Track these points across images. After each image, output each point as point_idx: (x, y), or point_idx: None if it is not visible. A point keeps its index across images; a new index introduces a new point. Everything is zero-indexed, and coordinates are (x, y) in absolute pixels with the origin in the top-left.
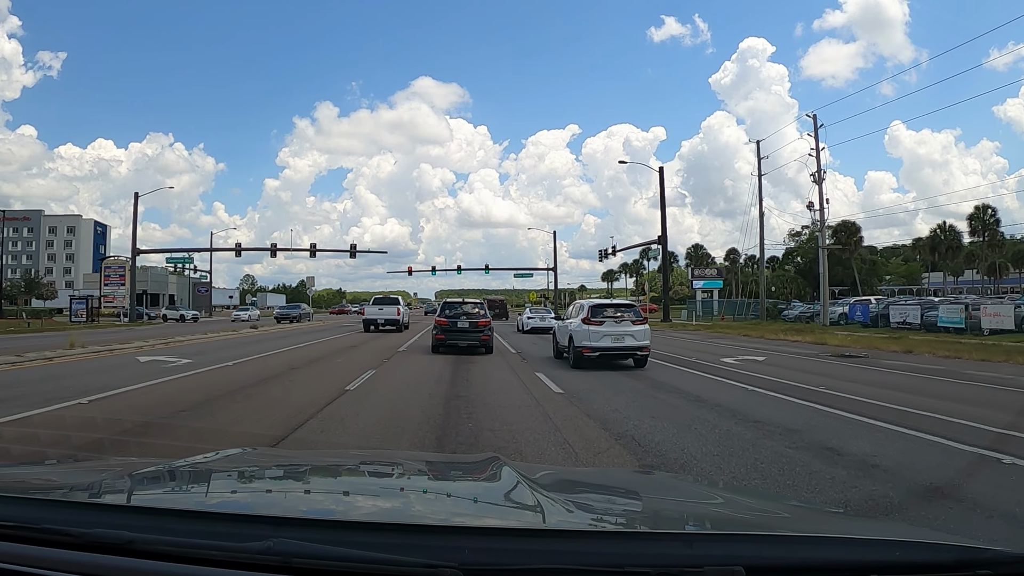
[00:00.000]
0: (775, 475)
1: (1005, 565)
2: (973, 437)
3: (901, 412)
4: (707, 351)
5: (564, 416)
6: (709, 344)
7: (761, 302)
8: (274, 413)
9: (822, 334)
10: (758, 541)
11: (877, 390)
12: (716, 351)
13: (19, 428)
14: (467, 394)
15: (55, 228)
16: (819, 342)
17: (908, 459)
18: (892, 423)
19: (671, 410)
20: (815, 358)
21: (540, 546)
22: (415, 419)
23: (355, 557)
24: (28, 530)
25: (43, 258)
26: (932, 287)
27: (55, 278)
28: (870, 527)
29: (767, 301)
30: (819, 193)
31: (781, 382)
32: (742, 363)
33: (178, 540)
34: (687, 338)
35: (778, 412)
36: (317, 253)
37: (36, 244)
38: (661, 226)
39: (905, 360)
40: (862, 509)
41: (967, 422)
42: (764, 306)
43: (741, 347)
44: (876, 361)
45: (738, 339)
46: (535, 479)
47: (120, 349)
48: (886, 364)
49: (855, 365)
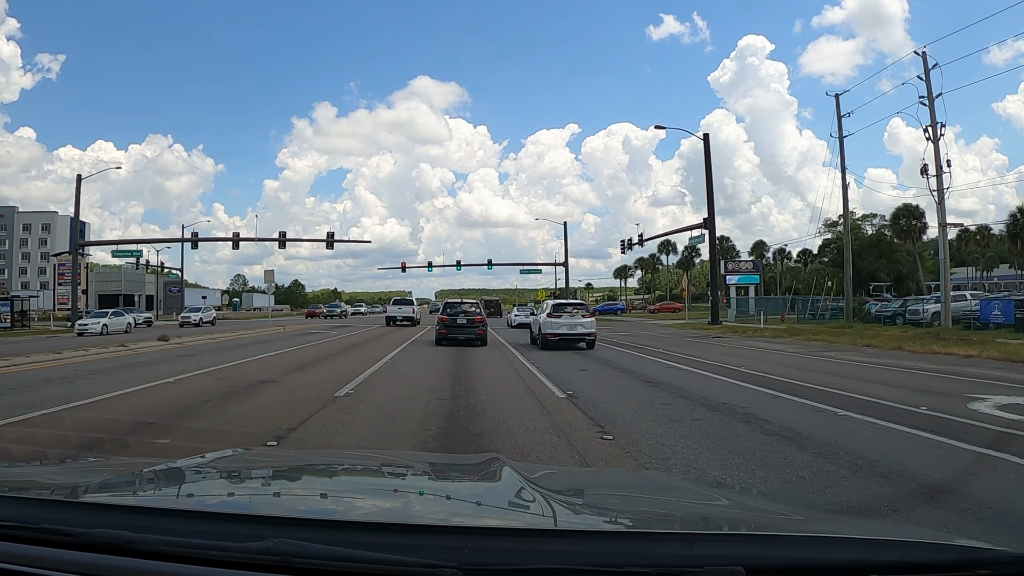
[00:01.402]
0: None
1: (1005, 565)
2: None
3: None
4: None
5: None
6: (869, 370)
7: (847, 297)
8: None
9: (1001, 346)
10: (758, 541)
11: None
12: (933, 387)
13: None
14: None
15: (29, 226)
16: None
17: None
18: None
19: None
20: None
21: (540, 546)
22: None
23: (355, 557)
24: (28, 530)
25: (16, 257)
26: (1001, 280)
27: (29, 278)
28: (870, 527)
29: (819, 297)
30: (935, 153)
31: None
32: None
33: (178, 540)
34: (800, 353)
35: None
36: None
37: (9, 242)
38: (708, 205)
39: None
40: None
41: None
42: (850, 303)
43: (940, 375)
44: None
45: (882, 355)
46: (535, 479)
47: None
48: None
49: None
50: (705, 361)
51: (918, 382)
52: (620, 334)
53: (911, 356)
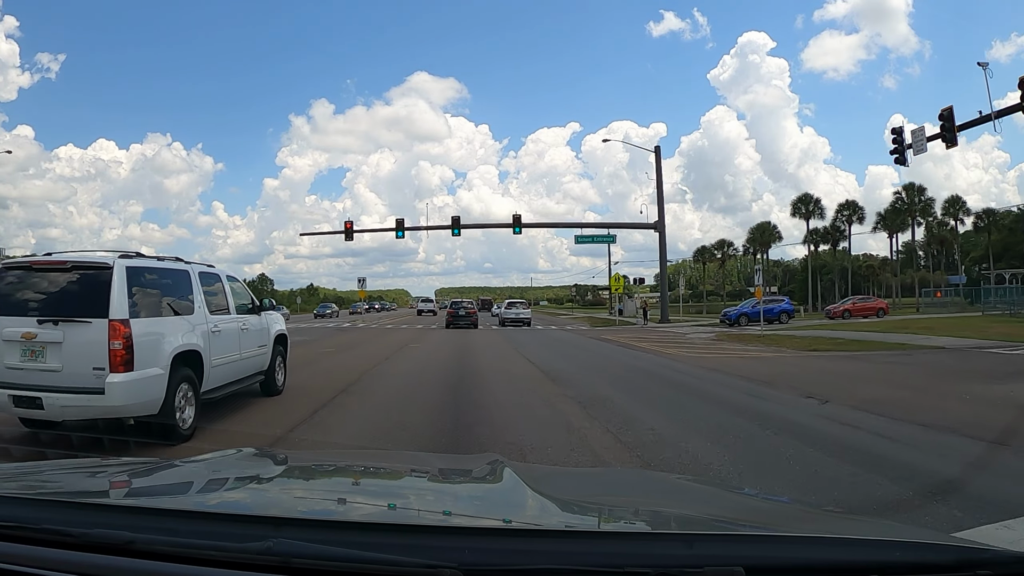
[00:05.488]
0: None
1: (1005, 565)
2: None
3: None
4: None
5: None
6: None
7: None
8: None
9: None
10: (758, 541)
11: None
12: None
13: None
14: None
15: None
16: None
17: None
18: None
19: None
20: None
21: (540, 546)
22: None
23: (355, 557)
24: (28, 530)
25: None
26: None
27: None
28: (870, 527)
29: None
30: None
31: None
32: None
33: (178, 540)
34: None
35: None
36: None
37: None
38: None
39: None
40: None
41: None
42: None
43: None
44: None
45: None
46: (535, 479)
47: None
48: None
49: None
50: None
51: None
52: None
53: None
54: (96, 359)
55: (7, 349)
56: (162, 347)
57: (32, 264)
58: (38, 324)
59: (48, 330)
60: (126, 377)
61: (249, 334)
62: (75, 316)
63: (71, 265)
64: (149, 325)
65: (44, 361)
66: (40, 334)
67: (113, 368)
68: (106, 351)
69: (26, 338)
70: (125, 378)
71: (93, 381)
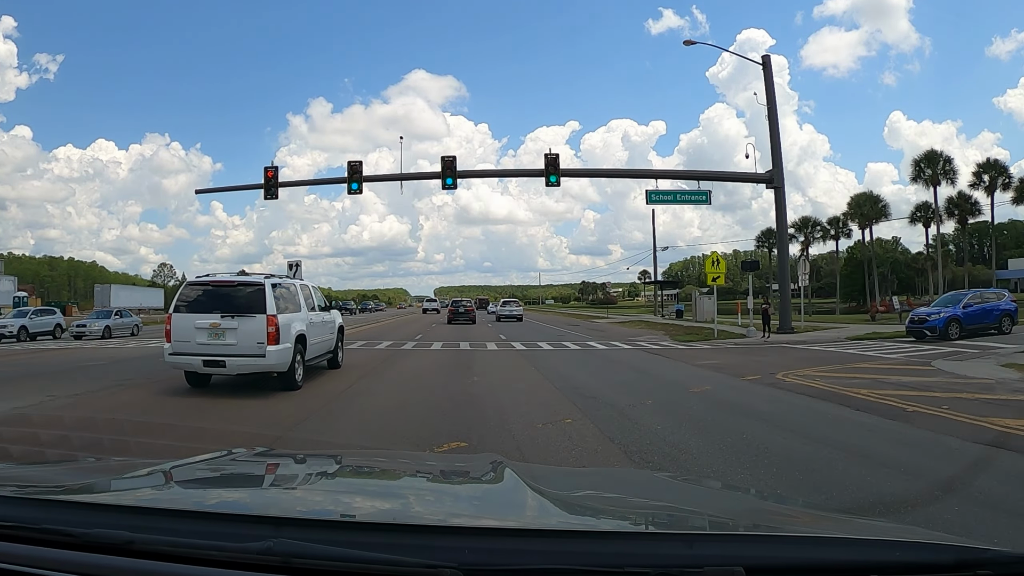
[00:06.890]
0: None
1: (1005, 565)
2: None
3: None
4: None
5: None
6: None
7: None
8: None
9: None
10: (758, 541)
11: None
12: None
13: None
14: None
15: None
16: None
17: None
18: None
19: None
20: None
21: (540, 546)
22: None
23: (355, 557)
24: (28, 530)
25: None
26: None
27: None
28: (870, 527)
29: None
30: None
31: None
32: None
33: (178, 540)
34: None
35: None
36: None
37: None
38: None
39: None
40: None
41: None
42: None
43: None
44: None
45: None
46: (535, 479)
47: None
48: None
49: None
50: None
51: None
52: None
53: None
54: (260, 337)
55: (199, 333)
56: (290, 331)
57: (211, 283)
58: (220, 317)
59: (227, 321)
60: (276, 348)
61: (325, 324)
62: (246, 312)
63: (237, 283)
64: (284, 318)
65: (224, 340)
66: (222, 323)
67: (270, 342)
68: (265, 333)
69: (213, 326)
70: (275, 348)
71: (258, 350)
